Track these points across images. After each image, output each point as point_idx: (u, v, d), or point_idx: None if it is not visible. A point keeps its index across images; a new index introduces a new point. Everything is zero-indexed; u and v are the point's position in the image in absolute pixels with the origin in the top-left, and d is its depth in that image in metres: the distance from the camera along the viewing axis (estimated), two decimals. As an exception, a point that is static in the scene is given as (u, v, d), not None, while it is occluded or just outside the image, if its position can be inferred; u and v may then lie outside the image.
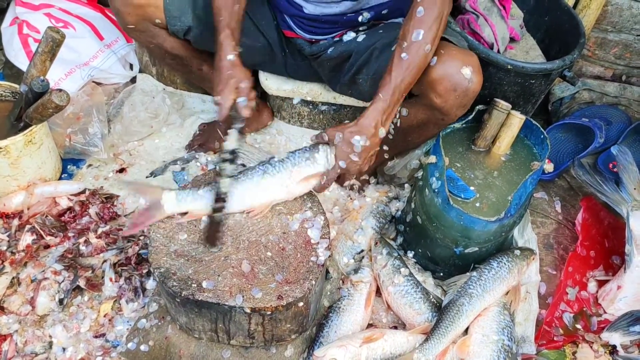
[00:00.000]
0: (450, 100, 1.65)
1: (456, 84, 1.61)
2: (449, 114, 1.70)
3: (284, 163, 1.61)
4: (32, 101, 1.80)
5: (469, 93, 1.64)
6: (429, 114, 1.72)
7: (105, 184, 2.09)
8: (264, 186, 1.59)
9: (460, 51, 1.64)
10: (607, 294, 1.90)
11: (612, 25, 2.41)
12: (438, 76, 1.61)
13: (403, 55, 1.52)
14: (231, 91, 1.54)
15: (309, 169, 1.60)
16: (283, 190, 1.62)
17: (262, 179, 1.59)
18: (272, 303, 1.46)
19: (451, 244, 1.76)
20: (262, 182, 1.59)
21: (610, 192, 2.01)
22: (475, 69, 1.62)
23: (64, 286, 1.73)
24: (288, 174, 1.60)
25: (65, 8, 2.45)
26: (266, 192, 1.61)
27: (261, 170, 1.60)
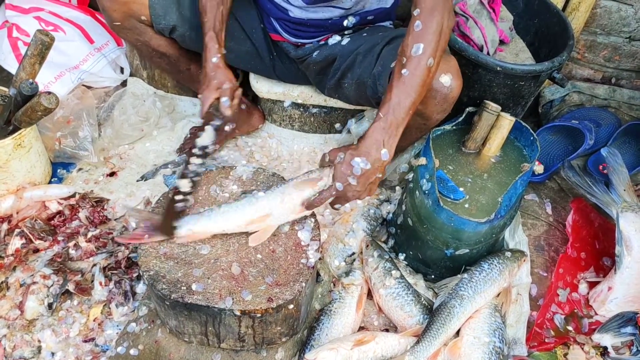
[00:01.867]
0: (431, 106, 1.65)
1: (435, 92, 1.61)
2: (430, 119, 1.70)
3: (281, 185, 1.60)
4: (21, 104, 1.79)
5: (448, 99, 1.63)
6: (411, 118, 1.71)
7: (95, 188, 2.08)
8: (257, 207, 1.56)
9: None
10: (598, 296, 1.90)
11: (601, 27, 2.42)
12: None
13: (403, 71, 1.43)
14: (213, 90, 1.60)
15: (305, 181, 1.57)
16: (278, 207, 1.56)
17: (255, 199, 1.57)
18: (262, 305, 1.45)
19: (442, 245, 1.76)
20: (257, 203, 1.56)
21: (600, 194, 2.01)
22: (454, 74, 1.61)
23: (53, 290, 1.71)
24: (281, 192, 1.57)
25: (55, 11, 2.44)
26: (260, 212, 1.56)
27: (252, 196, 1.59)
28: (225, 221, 1.55)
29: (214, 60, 1.63)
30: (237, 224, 1.56)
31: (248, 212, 1.55)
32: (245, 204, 1.56)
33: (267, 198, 1.56)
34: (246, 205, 1.56)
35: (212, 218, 1.55)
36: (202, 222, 1.55)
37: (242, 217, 1.56)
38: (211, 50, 1.64)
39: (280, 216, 1.57)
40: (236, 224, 1.56)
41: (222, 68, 1.64)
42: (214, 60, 1.63)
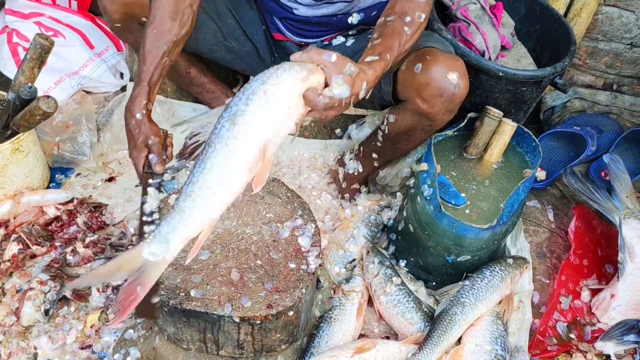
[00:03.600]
0: (437, 106, 1.64)
1: (442, 90, 1.60)
2: (436, 120, 1.69)
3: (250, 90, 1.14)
4: (19, 108, 1.78)
5: (455, 98, 1.63)
6: (416, 119, 1.71)
7: (93, 193, 2.07)
8: (244, 129, 1.11)
9: (446, 56, 1.64)
10: (601, 303, 1.89)
11: (602, 34, 2.42)
12: (424, 82, 1.60)
13: (405, 29, 1.46)
14: (141, 150, 1.50)
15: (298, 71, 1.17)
16: (270, 123, 1.13)
17: (233, 125, 1.11)
18: (261, 312, 1.44)
19: (443, 252, 1.75)
20: (236, 127, 1.10)
21: (602, 200, 2.00)
22: (461, 74, 1.62)
23: (50, 296, 1.69)
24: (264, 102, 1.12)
25: (55, 16, 2.44)
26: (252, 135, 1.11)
27: (227, 116, 1.12)
28: (215, 199, 1.13)
29: (137, 117, 1.50)
30: (235, 189, 1.15)
31: (241, 162, 1.11)
32: (225, 156, 1.11)
33: (247, 124, 1.10)
34: (224, 159, 1.11)
35: (197, 207, 1.13)
36: (188, 218, 1.13)
37: (237, 175, 1.13)
38: (137, 106, 1.50)
39: (277, 136, 1.15)
40: (234, 190, 1.15)
41: (146, 124, 1.50)
42: (138, 117, 1.50)
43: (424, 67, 1.60)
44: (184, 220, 1.12)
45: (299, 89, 1.16)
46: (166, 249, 1.14)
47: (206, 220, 1.14)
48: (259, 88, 1.12)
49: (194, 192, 1.11)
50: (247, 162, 1.11)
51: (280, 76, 1.14)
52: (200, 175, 1.11)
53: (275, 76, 1.14)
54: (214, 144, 1.10)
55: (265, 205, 1.71)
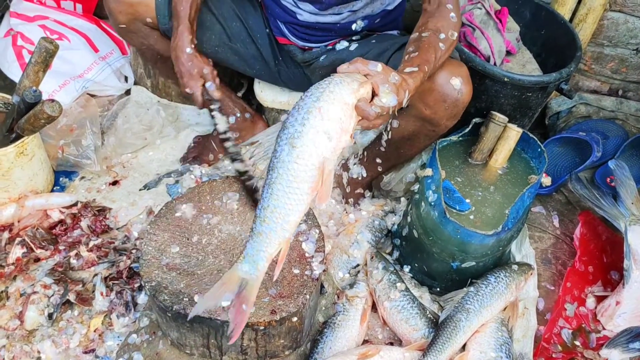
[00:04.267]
0: (440, 111, 1.64)
1: (445, 95, 1.60)
2: (439, 125, 1.69)
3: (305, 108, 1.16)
4: (24, 112, 1.78)
5: (458, 104, 1.62)
6: (419, 125, 1.70)
7: (97, 197, 2.07)
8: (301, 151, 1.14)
9: (450, 62, 1.63)
10: (606, 310, 1.87)
11: (608, 39, 2.41)
12: (427, 87, 1.59)
13: (441, 45, 1.49)
14: (197, 79, 1.70)
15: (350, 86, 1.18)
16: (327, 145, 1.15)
17: (292, 149, 1.14)
18: (265, 318, 1.43)
19: (448, 258, 1.74)
20: (296, 150, 1.14)
21: (608, 207, 1.99)
22: (464, 79, 1.61)
23: (54, 300, 1.69)
24: (319, 119, 1.14)
25: (60, 20, 2.44)
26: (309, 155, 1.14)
27: (286, 138, 1.15)
28: (286, 220, 1.18)
29: (188, 51, 1.69)
30: (302, 209, 1.18)
31: (302, 184, 1.15)
32: (289, 181, 1.15)
33: (306, 147, 1.14)
34: (288, 183, 1.15)
35: (273, 230, 1.18)
36: (266, 241, 1.19)
37: (301, 196, 1.16)
38: (185, 41, 1.70)
39: (335, 153, 1.18)
40: (301, 209, 1.18)
41: (197, 56, 1.71)
42: (188, 51, 1.69)
43: None
44: (263, 242, 1.19)
45: (352, 101, 1.18)
46: (256, 268, 1.21)
47: (282, 240, 1.20)
48: (314, 106, 1.15)
49: (267, 217, 1.18)
50: (309, 183, 1.16)
51: (334, 90, 1.16)
52: (269, 200, 1.17)
53: (328, 91, 1.16)
54: (277, 169, 1.16)
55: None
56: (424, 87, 1.60)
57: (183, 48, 1.69)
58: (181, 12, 1.70)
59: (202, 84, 1.70)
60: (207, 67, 1.70)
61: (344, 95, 1.17)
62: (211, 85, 1.69)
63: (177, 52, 1.70)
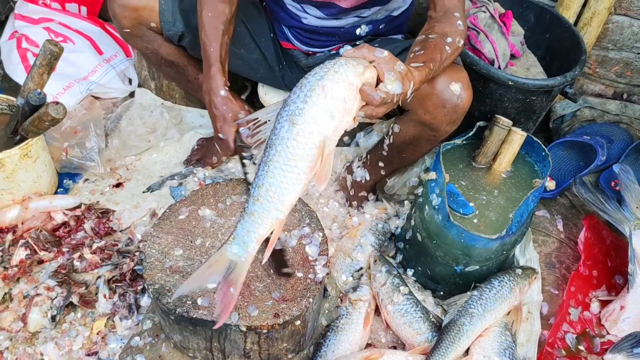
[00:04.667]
0: (440, 117, 1.63)
1: (445, 100, 1.59)
2: (439, 130, 1.68)
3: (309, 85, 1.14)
4: (28, 114, 1.78)
5: (458, 109, 1.62)
6: (420, 130, 1.70)
7: (101, 199, 2.07)
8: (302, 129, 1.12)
9: (450, 67, 1.62)
10: (610, 315, 1.87)
11: (612, 43, 2.40)
12: (426, 92, 1.59)
13: (447, 48, 1.47)
14: (231, 125, 1.60)
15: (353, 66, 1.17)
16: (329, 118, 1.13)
17: (292, 125, 1.12)
18: (268, 321, 1.43)
19: (452, 262, 1.74)
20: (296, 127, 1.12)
21: (612, 211, 1.98)
22: (464, 84, 1.60)
23: (57, 302, 1.69)
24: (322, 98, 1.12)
25: (64, 22, 2.45)
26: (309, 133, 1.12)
27: (286, 115, 1.13)
28: (281, 200, 1.15)
29: (222, 94, 1.62)
30: (299, 189, 1.15)
31: (301, 163, 1.12)
32: (287, 158, 1.12)
33: (306, 124, 1.11)
34: (286, 160, 1.12)
35: (266, 209, 1.15)
36: (258, 221, 1.17)
37: (299, 175, 1.13)
38: (219, 83, 1.63)
39: (336, 133, 1.16)
40: (297, 190, 1.15)
41: (232, 100, 1.63)
42: (223, 94, 1.62)
43: None
44: (255, 223, 1.16)
45: (356, 83, 1.16)
46: (245, 250, 1.18)
47: (275, 221, 1.17)
48: (317, 84, 1.12)
49: (261, 196, 1.14)
50: (308, 162, 1.13)
51: (339, 71, 1.14)
52: (264, 178, 1.14)
53: (333, 71, 1.14)
54: (275, 146, 1.13)
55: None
56: (423, 92, 1.59)
57: (217, 91, 1.62)
58: (212, 54, 1.64)
59: (236, 130, 1.62)
60: (242, 111, 1.63)
61: (348, 75, 1.15)
62: (245, 131, 1.60)
63: (210, 95, 1.64)
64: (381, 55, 1.23)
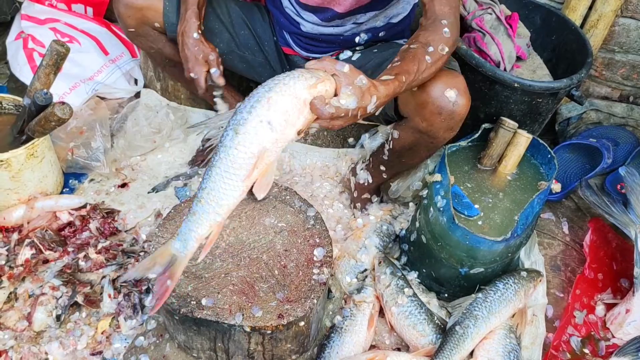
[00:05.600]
0: (436, 124, 1.61)
1: (440, 108, 1.57)
2: (437, 137, 1.67)
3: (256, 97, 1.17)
4: (35, 114, 1.79)
5: (454, 116, 1.59)
6: (417, 136, 1.69)
7: (106, 199, 2.07)
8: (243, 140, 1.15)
9: (446, 73, 1.60)
10: (616, 318, 1.86)
11: (619, 45, 2.39)
12: (422, 99, 1.58)
13: (427, 58, 1.46)
14: (202, 65, 1.70)
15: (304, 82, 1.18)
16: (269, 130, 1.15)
17: (235, 135, 1.15)
18: (272, 322, 1.43)
19: (456, 264, 1.73)
20: (238, 137, 1.15)
21: (618, 214, 1.97)
22: (461, 91, 1.58)
23: (62, 302, 1.70)
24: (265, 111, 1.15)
25: (70, 23, 2.46)
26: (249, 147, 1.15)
27: (232, 124, 1.16)
28: (220, 203, 1.19)
29: (195, 36, 1.71)
30: (237, 195, 1.19)
31: (239, 170, 1.16)
32: (227, 165, 1.16)
33: (247, 134, 1.15)
34: (226, 167, 1.16)
35: (205, 211, 1.20)
36: (199, 221, 1.21)
37: (237, 182, 1.17)
38: (192, 26, 1.72)
39: (277, 145, 1.19)
40: (236, 195, 1.19)
41: (203, 42, 1.72)
42: (195, 36, 1.71)
43: (421, 85, 1.57)
44: (196, 222, 1.21)
45: (304, 96, 1.18)
46: (185, 247, 1.24)
47: (214, 223, 1.22)
48: (264, 96, 1.16)
49: (203, 198, 1.20)
50: (245, 171, 1.17)
51: (288, 83, 1.17)
52: (207, 182, 1.19)
53: (282, 83, 1.17)
54: (219, 152, 1.17)
55: (277, 214, 1.70)
56: (419, 99, 1.59)
57: (190, 33, 1.71)
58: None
59: (207, 70, 1.71)
60: (212, 53, 1.71)
61: (297, 89, 1.17)
62: (216, 71, 1.70)
63: (183, 37, 1.72)
64: (341, 68, 1.23)
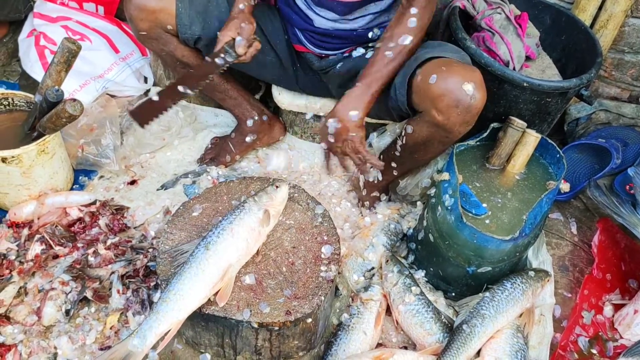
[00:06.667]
0: (453, 117, 1.61)
1: (458, 101, 1.58)
2: (452, 131, 1.67)
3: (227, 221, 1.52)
4: (46, 111, 1.80)
5: (471, 109, 1.60)
6: (433, 131, 1.69)
7: (116, 196, 2.09)
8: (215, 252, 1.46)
9: (462, 67, 1.62)
10: (624, 319, 1.85)
11: (629, 46, 2.38)
12: (439, 92, 1.58)
13: (387, 53, 1.62)
14: (232, 29, 1.71)
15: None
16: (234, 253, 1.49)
17: (207, 250, 1.47)
18: (280, 318, 1.44)
19: (464, 263, 1.73)
20: (209, 252, 1.46)
21: (626, 214, 1.96)
22: (477, 84, 1.59)
23: (71, 297, 1.71)
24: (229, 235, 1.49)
25: (82, 21, 2.47)
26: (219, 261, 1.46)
27: (204, 243, 1.48)
28: (185, 304, 1.41)
29: (240, 7, 1.75)
30: (200, 298, 1.43)
31: (206, 278, 1.43)
32: (196, 272, 1.43)
33: (217, 251, 1.46)
34: (196, 274, 1.43)
35: (171, 309, 1.40)
36: (161, 319, 1.39)
37: (202, 288, 1.42)
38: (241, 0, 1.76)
39: (239, 262, 1.52)
40: (199, 299, 1.42)
41: (245, 13, 1.74)
42: (241, 7, 1.75)
43: (439, 78, 1.58)
44: (158, 320, 1.39)
45: (257, 228, 1.53)
46: (144, 343, 1.38)
47: (175, 321, 1.40)
48: (227, 227, 1.49)
49: (168, 298, 1.40)
50: (212, 279, 1.43)
51: (243, 218, 1.52)
52: (176, 285, 1.41)
53: (239, 218, 1.52)
54: (190, 262, 1.44)
55: (285, 212, 1.71)
56: (436, 92, 1.59)
57: (238, 3, 1.76)
58: None
59: (233, 37, 1.70)
60: (248, 25, 1.71)
61: (250, 222, 1.52)
62: (241, 40, 1.69)
63: (234, 5, 1.77)
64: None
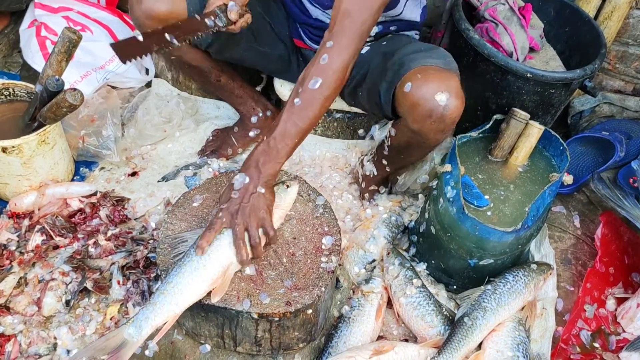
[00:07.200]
0: (427, 126, 1.59)
1: (431, 110, 1.55)
2: (428, 138, 1.65)
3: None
4: (46, 101, 1.79)
5: (445, 119, 1.56)
6: (410, 136, 1.68)
7: (116, 187, 2.08)
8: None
9: (438, 75, 1.56)
10: (627, 312, 1.84)
11: (633, 38, 2.36)
12: (413, 101, 1.56)
13: (296, 100, 1.44)
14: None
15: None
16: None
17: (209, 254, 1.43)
18: (280, 309, 1.43)
19: (465, 255, 1.72)
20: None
21: (630, 208, 1.95)
22: (453, 93, 1.54)
23: (72, 287, 1.71)
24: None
25: (83, 11, 2.46)
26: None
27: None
28: (182, 298, 1.39)
29: None
30: (199, 294, 1.41)
31: (207, 274, 1.41)
32: (195, 267, 1.41)
33: (218, 249, 1.43)
34: (197, 268, 1.41)
35: (167, 302, 1.38)
36: (158, 311, 1.37)
37: (202, 284, 1.41)
38: None
39: (231, 269, 1.48)
40: (198, 294, 1.41)
41: None
42: None
43: (413, 86, 1.55)
44: (155, 312, 1.37)
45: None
46: (139, 333, 1.36)
47: (172, 314, 1.38)
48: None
49: (166, 290, 1.38)
50: (212, 275, 1.41)
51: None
52: (175, 277, 1.39)
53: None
54: (192, 256, 1.42)
55: (287, 203, 1.70)
56: (411, 100, 1.57)
57: None
58: None
59: (225, 3, 1.63)
60: None
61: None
62: (233, 5, 1.62)
63: None
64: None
